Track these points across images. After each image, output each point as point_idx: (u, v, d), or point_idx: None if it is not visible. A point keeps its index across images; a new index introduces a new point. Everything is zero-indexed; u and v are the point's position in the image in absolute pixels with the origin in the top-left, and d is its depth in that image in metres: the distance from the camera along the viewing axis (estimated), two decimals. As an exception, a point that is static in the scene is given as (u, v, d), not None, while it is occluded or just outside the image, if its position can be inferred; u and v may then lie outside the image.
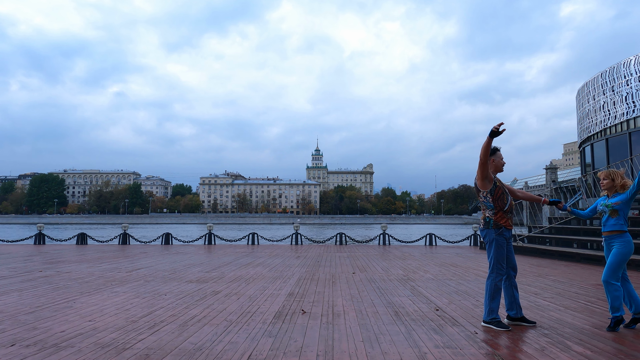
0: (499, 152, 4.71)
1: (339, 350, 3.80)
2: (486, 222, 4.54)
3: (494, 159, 4.64)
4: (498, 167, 4.67)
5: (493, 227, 4.50)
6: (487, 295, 4.51)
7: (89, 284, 7.43)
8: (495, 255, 4.49)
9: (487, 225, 4.53)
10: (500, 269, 4.50)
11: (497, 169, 4.67)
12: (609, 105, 21.87)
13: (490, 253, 4.52)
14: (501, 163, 4.70)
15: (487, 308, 4.52)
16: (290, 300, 6.16)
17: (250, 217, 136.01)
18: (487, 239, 4.54)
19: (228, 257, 12.56)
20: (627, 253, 4.43)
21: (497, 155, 4.68)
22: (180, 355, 3.64)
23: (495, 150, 4.67)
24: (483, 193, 4.54)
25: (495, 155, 4.66)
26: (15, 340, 4.04)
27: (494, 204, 4.51)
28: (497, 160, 4.66)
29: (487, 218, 4.54)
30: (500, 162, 4.68)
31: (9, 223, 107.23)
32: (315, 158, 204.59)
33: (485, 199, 4.54)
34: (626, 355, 3.66)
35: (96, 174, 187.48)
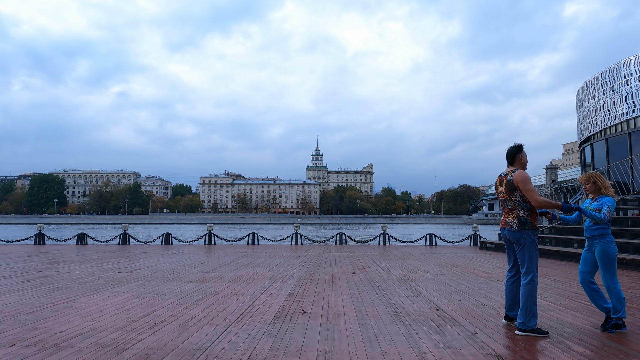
0: (524, 150, 4.68)
1: (339, 350, 3.80)
2: (522, 222, 4.38)
3: (521, 156, 4.62)
4: (524, 165, 4.64)
5: (530, 228, 4.38)
6: (530, 300, 4.31)
7: (89, 284, 7.43)
8: (536, 256, 4.40)
9: (524, 225, 4.37)
10: (537, 269, 4.43)
11: (523, 166, 4.65)
12: (609, 105, 21.86)
13: (532, 254, 4.38)
14: (526, 161, 4.67)
15: (529, 314, 4.30)
16: (290, 300, 6.16)
17: (250, 217, 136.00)
18: (524, 240, 4.38)
19: (228, 257, 12.56)
20: (613, 253, 4.46)
21: (523, 152, 4.66)
22: (180, 355, 3.64)
23: (522, 147, 4.66)
24: (519, 192, 4.42)
25: (522, 152, 4.64)
26: (15, 340, 4.04)
27: (529, 205, 4.42)
28: (524, 158, 4.64)
29: (523, 218, 4.38)
30: (525, 160, 4.66)
31: (9, 223, 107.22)
32: (315, 158, 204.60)
33: (521, 198, 4.42)
34: (626, 355, 3.66)
35: (96, 174, 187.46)
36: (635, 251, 10.59)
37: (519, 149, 4.62)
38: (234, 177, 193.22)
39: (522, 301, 4.36)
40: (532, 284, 4.34)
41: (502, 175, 4.63)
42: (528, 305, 4.32)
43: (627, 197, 15.75)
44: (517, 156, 4.61)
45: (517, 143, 4.66)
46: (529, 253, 4.40)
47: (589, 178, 4.70)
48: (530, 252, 4.40)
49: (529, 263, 4.40)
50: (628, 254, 10.50)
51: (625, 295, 6.46)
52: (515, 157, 4.62)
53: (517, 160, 4.61)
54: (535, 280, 4.36)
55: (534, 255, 4.40)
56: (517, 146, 4.63)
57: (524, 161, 4.63)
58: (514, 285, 4.65)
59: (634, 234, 11.67)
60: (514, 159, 4.62)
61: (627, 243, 10.95)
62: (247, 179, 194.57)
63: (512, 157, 4.64)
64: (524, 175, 4.41)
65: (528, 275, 4.38)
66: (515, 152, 4.63)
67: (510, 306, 4.71)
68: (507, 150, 4.67)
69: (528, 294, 4.33)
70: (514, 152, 4.63)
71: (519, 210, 4.44)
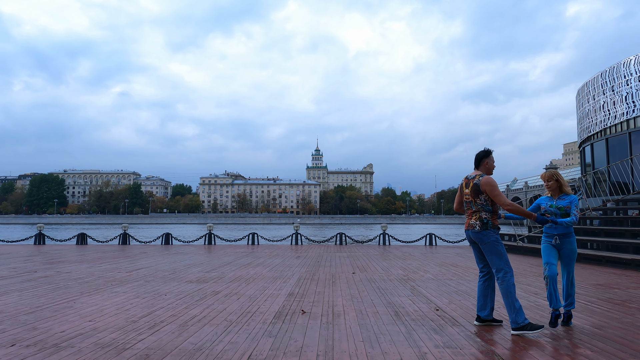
0: (492, 156, 4.73)
1: (339, 350, 3.80)
2: (484, 223, 4.49)
3: (487, 161, 4.68)
4: (489, 170, 4.70)
5: (492, 228, 4.50)
6: (511, 297, 4.34)
7: (89, 284, 7.43)
8: (504, 253, 4.49)
9: (486, 226, 4.49)
10: (509, 265, 4.48)
11: (488, 172, 4.70)
12: (609, 105, 21.86)
13: (497, 252, 4.47)
14: (493, 166, 4.73)
15: (514, 312, 4.32)
16: (290, 300, 6.16)
17: (250, 217, 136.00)
18: (488, 240, 4.49)
19: (228, 257, 12.56)
20: (576, 250, 4.70)
21: (490, 158, 4.71)
22: (180, 355, 3.64)
23: (490, 153, 4.71)
24: (484, 196, 4.52)
25: (489, 158, 4.69)
26: (15, 340, 4.04)
27: (492, 207, 4.53)
28: (489, 163, 4.69)
29: (485, 219, 4.50)
30: (492, 166, 4.72)
31: (9, 223, 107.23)
32: (315, 158, 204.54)
33: (485, 201, 4.53)
34: (626, 355, 3.66)
35: (96, 174, 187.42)
36: (635, 251, 10.59)
37: (487, 154, 4.69)
38: (234, 177, 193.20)
39: (504, 301, 4.44)
40: (506, 281, 4.41)
41: (469, 178, 4.66)
42: (510, 303, 4.38)
43: (627, 197, 15.75)
44: (483, 161, 4.68)
45: (487, 148, 4.72)
46: (495, 251, 4.47)
47: (552, 176, 4.75)
48: (496, 250, 4.47)
49: (498, 261, 4.47)
50: (628, 254, 10.50)
51: (626, 295, 6.48)
52: (481, 161, 4.69)
53: (483, 164, 4.68)
54: (508, 277, 4.42)
55: (500, 253, 4.47)
56: (485, 151, 4.70)
57: (490, 166, 4.69)
58: (486, 285, 4.69)
59: (634, 234, 11.67)
60: (480, 163, 4.69)
61: (627, 243, 10.95)
62: (247, 179, 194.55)
63: (478, 161, 4.71)
64: (492, 181, 4.48)
65: (499, 273, 4.46)
66: (482, 157, 4.69)
67: (481, 306, 4.71)
68: (476, 154, 4.74)
69: (506, 293, 4.41)
70: (480, 157, 4.70)
71: (482, 212, 4.53)
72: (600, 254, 10.91)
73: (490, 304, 4.69)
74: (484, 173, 4.65)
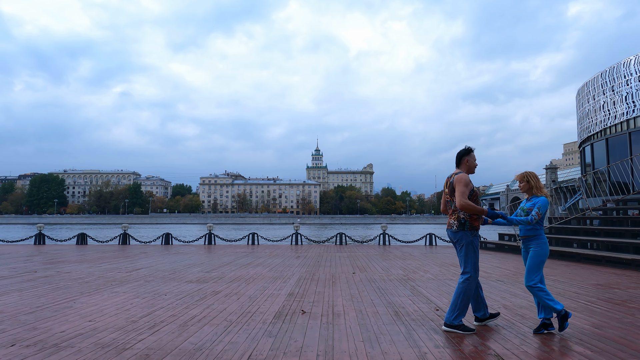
0: (473, 154, 4.67)
1: (339, 350, 3.80)
2: (461, 223, 4.43)
3: (467, 159, 4.62)
4: (471, 169, 4.65)
5: (469, 229, 4.42)
6: (463, 298, 4.37)
7: (89, 284, 7.43)
8: (474, 256, 4.45)
9: (463, 226, 4.42)
10: (477, 270, 4.46)
11: (469, 170, 4.64)
12: (609, 105, 21.86)
13: (468, 255, 4.43)
14: (474, 164, 4.67)
15: (456, 311, 4.38)
16: (290, 300, 6.16)
17: (250, 217, 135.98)
18: (462, 241, 4.44)
19: (228, 257, 12.56)
20: (544, 255, 4.45)
21: (471, 156, 4.65)
22: (180, 355, 3.64)
23: (470, 151, 4.66)
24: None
25: (470, 156, 4.64)
26: (15, 340, 4.04)
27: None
28: (470, 162, 4.64)
29: (463, 219, 4.43)
30: (473, 164, 4.66)
31: (9, 223, 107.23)
32: (315, 158, 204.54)
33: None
34: (626, 355, 3.66)
35: (96, 174, 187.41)
36: (635, 251, 10.59)
37: (467, 152, 4.64)
38: (234, 177, 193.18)
39: (453, 298, 4.45)
40: (466, 284, 4.41)
41: (449, 177, 4.64)
42: (458, 302, 4.39)
43: (627, 197, 15.75)
44: (464, 159, 4.63)
45: (467, 146, 4.67)
46: (466, 253, 4.45)
47: (524, 177, 4.64)
48: (467, 252, 4.44)
49: (466, 263, 4.46)
50: (628, 254, 10.51)
51: (626, 295, 6.48)
52: (461, 159, 4.64)
53: (463, 162, 4.63)
54: (470, 281, 4.42)
55: (470, 256, 4.44)
56: (466, 149, 4.66)
57: (471, 164, 4.64)
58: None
59: (634, 234, 11.67)
60: (461, 161, 4.65)
61: (627, 243, 10.95)
62: (247, 179, 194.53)
63: (459, 159, 4.67)
64: (463, 177, 4.43)
65: (464, 275, 4.46)
66: (462, 155, 4.65)
67: (475, 308, 4.69)
68: (457, 153, 4.69)
69: (460, 292, 4.41)
70: (461, 155, 4.66)
71: (460, 212, 4.47)
72: (600, 254, 10.91)
73: (483, 302, 4.68)
74: (465, 171, 4.59)
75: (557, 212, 65.43)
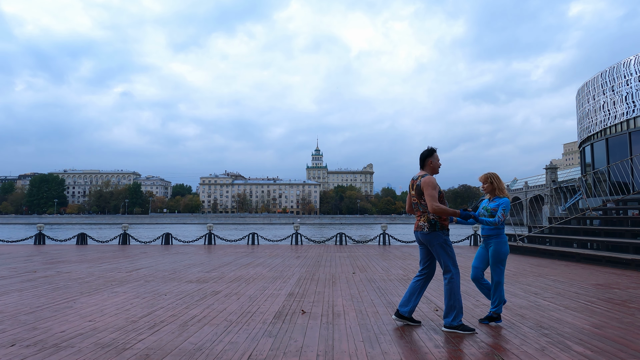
0: (437, 154, 4.68)
1: (339, 350, 3.80)
2: (432, 224, 4.46)
3: (431, 160, 4.63)
4: (435, 169, 4.67)
5: (440, 229, 4.46)
6: (454, 297, 4.40)
7: (89, 284, 7.43)
8: (452, 254, 4.48)
9: (434, 227, 4.45)
10: (457, 266, 4.48)
11: (434, 171, 4.66)
12: (609, 105, 21.86)
13: (446, 254, 4.46)
14: (438, 165, 4.68)
15: (452, 314, 4.40)
16: (290, 300, 6.16)
17: (250, 217, 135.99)
18: (436, 241, 4.46)
19: (228, 257, 12.56)
20: (504, 252, 4.72)
21: (435, 157, 4.66)
22: (180, 355, 3.64)
23: (433, 151, 4.66)
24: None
25: (433, 157, 4.64)
26: (15, 340, 4.04)
27: None
28: (434, 163, 4.65)
29: (433, 220, 4.46)
30: (437, 165, 4.67)
31: (9, 223, 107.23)
32: (315, 158, 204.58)
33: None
34: (626, 355, 3.66)
35: (96, 174, 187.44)
36: (635, 251, 10.59)
37: (430, 153, 4.63)
38: (234, 177, 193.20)
39: (445, 300, 4.46)
40: (452, 283, 4.43)
41: (414, 179, 4.64)
42: (451, 304, 4.40)
43: (627, 197, 15.75)
44: (427, 160, 4.63)
45: (430, 147, 4.66)
46: (443, 252, 4.47)
47: (487, 178, 4.82)
48: (444, 251, 4.47)
49: (446, 262, 4.47)
50: (628, 254, 10.51)
51: (626, 295, 6.48)
52: (425, 161, 4.64)
53: (427, 164, 4.63)
54: (455, 279, 4.45)
55: (448, 255, 4.47)
56: (429, 150, 4.64)
57: (435, 165, 4.65)
58: (419, 285, 4.68)
59: (634, 234, 11.67)
60: (425, 162, 4.64)
61: (627, 243, 10.95)
62: (247, 179, 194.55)
63: (422, 160, 4.66)
64: (430, 180, 4.44)
65: (447, 274, 4.47)
66: (425, 156, 4.64)
67: (405, 302, 4.68)
68: (420, 154, 4.69)
69: (449, 293, 4.43)
70: (424, 156, 4.64)
71: (429, 213, 4.49)
72: (600, 254, 10.91)
73: (414, 302, 4.66)
74: (429, 173, 4.60)
75: (557, 212, 65.42)
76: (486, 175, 4.84)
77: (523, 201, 78.41)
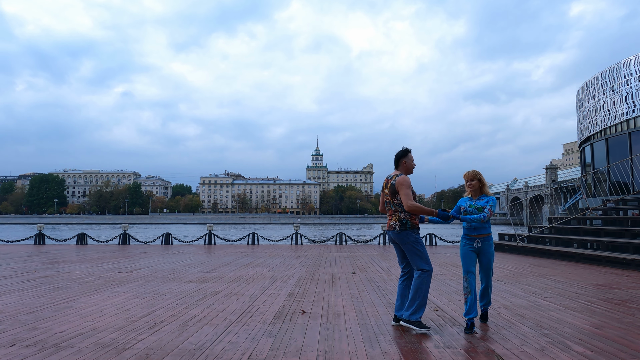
0: (411, 154, 4.69)
1: (339, 350, 3.80)
2: (403, 223, 4.47)
3: (405, 160, 4.64)
4: (409, 169, 4.67)
5: (411, 228, 4.47)
6: (420, 293, 4.38)
7: (89, 284, 7.43)
8: (423, 252, 4.46)
9: (405, 226, 4.46)
10: (429, 265, 4.46)
11: (408, 171, 4.66)
12: (609, 105, 21.86)
13: (418, 252, 4.45)
14: (412, 165, 4.69)
15: (415, 306, 4.38)
16: (290, 300, 6.16)
17: (250, 217, 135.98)
18: (408, 240, 4.46)
19: (228, 257, 12.56)
20: (494, 254, 4.69)
21: (409, 157, 4.67)
22: (180, 355, 3.64)
23: (408, 152, 4.67)
24: (399, 196, 4.48)
25: (407, 157, 4.66)
26: (15, 340, 4.04)
27: None
28: (408, 163, 4.65)
29: (404, 220, 4.47)
30: (411, 165, 4.68)
31: (9, 223, 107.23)
32: (315, 158, 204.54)
33: (400, 201, 4.49)
34: (626, 355, 3.66)
35: (96, 174, 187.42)
36: (635, 251, 10.58)
37: (404, 154, 4.65)
38: (234, 177, 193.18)
39: (411, 293, 4.43)
40: (422, 279, 4.40)
41: (388, 178, 4.64)
42: (416, 297, 4.38)
43: (627, 197, 15.75)
44: (401, 160, 4.64)
45: (405, 147, 4.67)
46: (415, 251, 4.46)
47: (475, 175, 4.63)
48: (416, 249, 4.46)
49: (418, 261, 4.46)
50: (628, 254, 10.50)
51: (626, 295, 6.48)
52: (399, 161, 4.65)
53: (402, 164, 4.65)
54: (425, 275, 4.41)
55: (420, 253, 4.45)
56: (403, 150, 4.65)
57: (409, 165, 4.66)
58: (405, 285, 4.67)
59: (634, 234, 11.67)
60: (399, 163, 4.65)
61: (627, 243, 10.95)
62: (247, 179, 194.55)
63: (397, 161, 4.67)
64: (403, 181, 4.45)
65: (418, 272, 4.45)
66: (400, 156, 4.65)
67: (399, 307, 4.66)
68: (395, 154, 4.69)
69: (417, 288, 4.40)
70: (399, 156, 4.66)
71: (400, 213, 4.50)
72: (600, 254, 10.91)
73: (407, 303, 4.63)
74: (403, 173, 4.61)
75: (557, 212, 65.42)
76: (475, 172, 4.68)
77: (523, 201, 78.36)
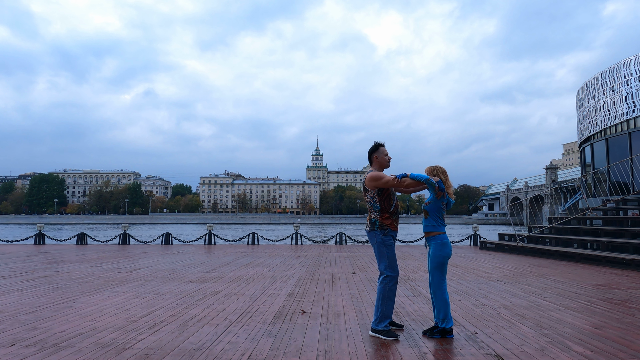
0: (383, 148, 4.42)
1: (339, 350, 3.80)
2: (372, 223, 4.29)
3: (377, 155, 4.38)
4: (383, 164, 4.41)
5: (379, 229, 4.26)
6: (382, 300, 4.21)
7: (89, 284, 7.43)
8: (388, 255, 4.26)
9: (373, 226, 4.28)
10: (394, 270, 4.26)
11: (382, 166, 4.41)
12: (609, 105, 21.86)
13: (381, 254, 4.27)
14: (384, 159, 4.42)
15: (378, 314, 4.21)
16: (290, 300, 6.16)
17: (250, 217, 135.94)
18: (374, 240, 4.29)
19: (228, 257, 12.56)
20: (443, 256, 4.19)
21: (380, 151, 4.40)
22: (180, 355, 3.64)
23: (379, 146, 4.41)
24: (370, 193, 4.30)
25: (378, 151, 4.39)
26: (15, 340, 4.04)
27: (380, 205, 4.29)
28: (380, 157, 4.39)
29: (373, 219, 4.29)
30: (383, 159, 4.41)
31: (9, 223, 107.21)
32: (315, 158, 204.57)
33: (372, 199, 4.30)
34: (626, 355, 3.66)
35: (96, 174, 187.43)
36: (635, 251, 10.59)
37: (375, 148, 4.40)
38: (234, 177, 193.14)
39: (376, 301, 4.28)
40: (384, 285, 4.24)
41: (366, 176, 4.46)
42: (380, 305, 4.22)
43: (627, 197, 15.75)
44: (373, 156, 4.41)
45: (376, 142, 4.43)
46: (378, 253, 4.29)
47: (432, 171, 4.29)
48: (380, 251, 4.27)
49: (382, 263, 4.28)
50: (628, 254, 10.51)
51: (626, 295, 6.47)
52: (371, 157, 4.43)
53: (374, 160, 4.41)
54: (388, 280, 4.24)
55: (383, 256, 4.26)
56: (374, 145, 4.41)
57: (382, 160, 4.40)
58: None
59: (634, 234, 11.67)
60: (371, 159, 4.43)
61: (627, 243, 10.95)
62: (247, 178, 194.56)
63: (369, 157, 4.45)
64: (374, 175, 4.25)
65: (381, 275, 4.31)
66: (371, 152, 4.43)
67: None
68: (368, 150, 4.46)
69: (380, 295, 4.25)
70: (370, 152, 4.44)
71: (372, 212, 4.34)
72: (600, 254, 10.91)
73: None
74: (377, 169, 4.39)
75: (557, 212, 65.41)
76: (432, 168, 4.31)
77: (523, 201, 78.38)
